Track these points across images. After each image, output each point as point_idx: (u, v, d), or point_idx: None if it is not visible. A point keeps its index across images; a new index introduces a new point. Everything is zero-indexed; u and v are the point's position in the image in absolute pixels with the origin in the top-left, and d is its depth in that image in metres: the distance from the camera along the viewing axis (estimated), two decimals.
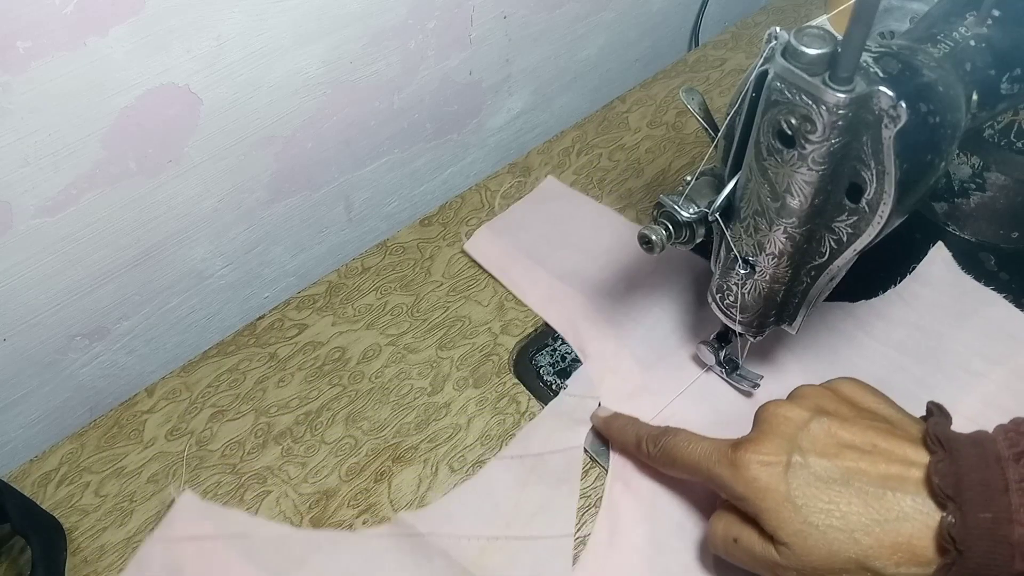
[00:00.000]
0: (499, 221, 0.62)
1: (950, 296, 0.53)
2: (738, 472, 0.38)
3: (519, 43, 0.69)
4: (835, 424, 0.38)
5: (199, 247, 0.59)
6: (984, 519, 0.33)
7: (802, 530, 0.36)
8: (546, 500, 0.47)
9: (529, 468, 0.48)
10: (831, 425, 0.38)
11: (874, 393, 0.41)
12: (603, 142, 0.69)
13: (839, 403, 0.40)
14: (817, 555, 0.36)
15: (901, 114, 0.33)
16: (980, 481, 0.33)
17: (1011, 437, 0.34)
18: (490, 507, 0.47)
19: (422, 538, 0.45)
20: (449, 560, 0.44)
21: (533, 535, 0.45)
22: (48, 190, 0.48)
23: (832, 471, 0.37)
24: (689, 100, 0.45)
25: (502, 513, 0.46)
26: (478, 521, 0.46)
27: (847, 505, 0.36)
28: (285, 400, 0.54)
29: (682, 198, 0.43)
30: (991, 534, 0.32)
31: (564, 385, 0.52)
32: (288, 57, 0.54)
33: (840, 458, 0.37)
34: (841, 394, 0.41)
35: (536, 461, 0.48)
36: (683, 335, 0.54)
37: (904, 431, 0.38)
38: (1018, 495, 0.32)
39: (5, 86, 0.43)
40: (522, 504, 0.47)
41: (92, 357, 0.58)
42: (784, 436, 0.38)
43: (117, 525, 0.49)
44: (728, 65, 0.75)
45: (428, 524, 0.46)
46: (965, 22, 0.42)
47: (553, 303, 0.56)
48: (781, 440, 0.38)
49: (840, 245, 0.40)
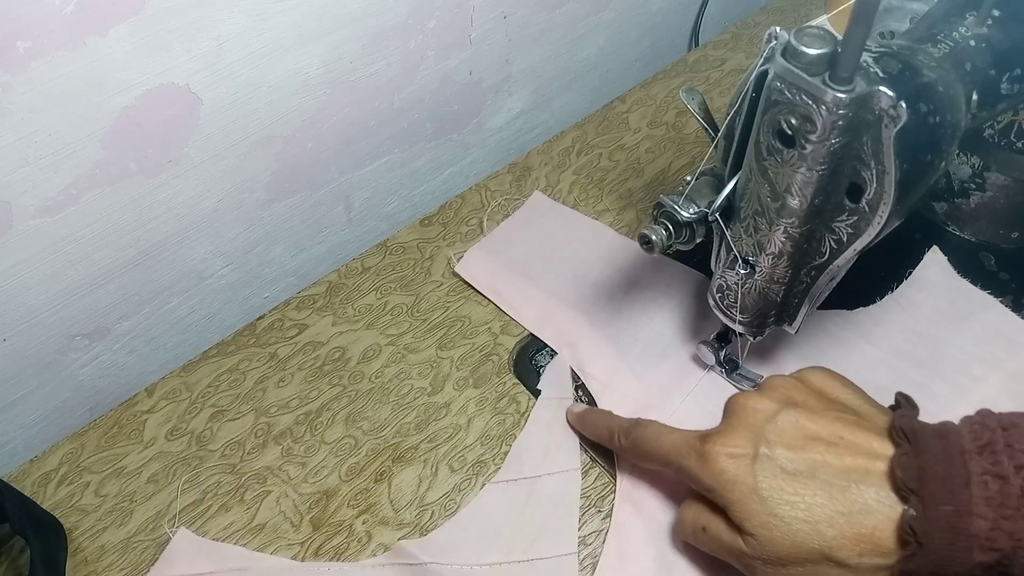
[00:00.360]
0: (488, 240, 0.61)
1: (947, 301, 0.53)
2: (706, 464, 0.38)
3: (519, 43, 0.69)
4: (803, 416, 0.38)
5: (199, 247, 0.59)
6: (945, 512, 0.33)
7: (768, 521, 0.36)
8: (546, 522, 0.46)
9: (526, 492, 0.48)
10: (799, 417, 0.38)
11: (843, 383, 0.41)
12: (603, 142, 0.69)
13: (808, 394, 0.40)
14: (782, 546, 0.36)
15: (901, 114, 0.33)
16: (943, 474, 0.34)
17: (975, 430, 0.35)
18: (491, 533, 0.46)
19: (424, 567, 0.45)
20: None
21: (536, 557, 0.45)
22: (48, 190, 0.48)
23: (798, 463, 0.37)
24: (689, 100, 0.45)
25: (503, 539, 0.46)
26: (480, 548, 0.46)
27: (812, 497, 0.36)
28: (285, 400, 0.54)
29: (682, 198, 0.43)
30: (952, 527, 0.33)
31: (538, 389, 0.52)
32: (288, 57, 0.54)
33: (806, 450, 0.37)
34: (810, 385, 0.41)
35: (532, 484, 0.48)
36: (680, 346, 0.53)
37: (871, 423, 0.38)
38: (980, 488, 0.33)
39: (5, 86, 0.43)
40: (522, 528, 0.46)
41: (92, 357, 0.58)
42: (752, 428, 0.39)
43: (117, 525, 0.49)
44: (728, 65, 0.75)
45: (429, 553, 0.45)
46: (965, 22, 0.42)
47: (548, 321, 0.56)
48: (749, 432, 0.38)
49: (840, 245, 0.40)
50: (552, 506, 0.47)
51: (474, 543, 0.46)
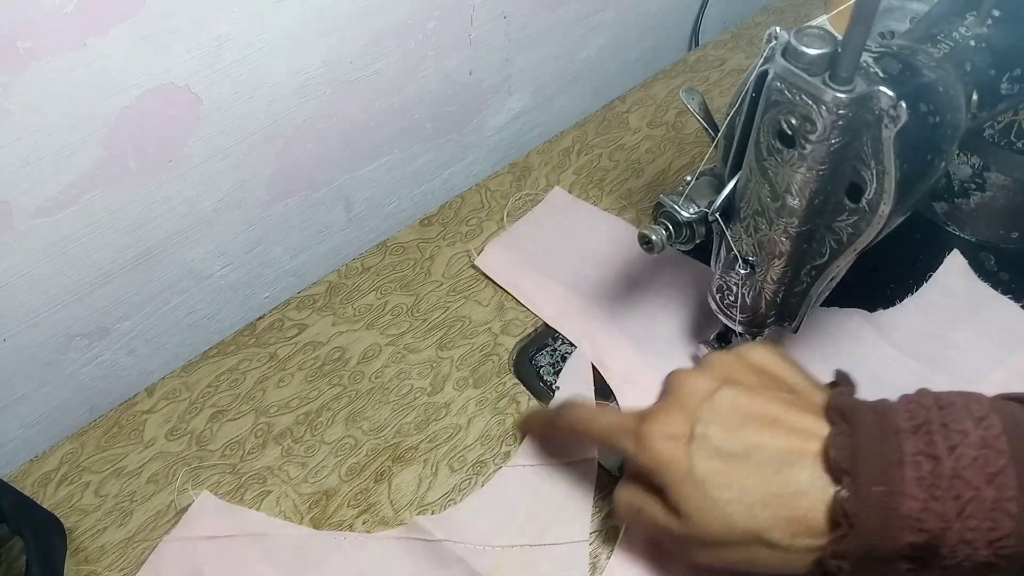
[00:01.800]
0: (508, 235, 0.62)
1: (967, 305, 0.53)
2: (643, 446, 0.38)
3: (519, 43, 0.69)
4: (740, 395, 0.38)
5: (199, 247, 0.59)
6: (877, 492, 0.32)
7: (702, 504, 0.36)
8: (560, 508, 0.47)
9: (543, 477, 0.48)
10: (736, 396, 0.38)
11: (784, 360, 0.41)
12: (603, 142, 0.69)
13: (746, 372, 0.40)
14: (716, 528, 0.36)
15: (901, 114, 0.33)
16: (876, 454, 0.33)
17: (912, 408, 0.34)
18: (505, 516, 0.47)
19: (439, 544, 0.45)
20: (466, 567, 0.44)
21: (548, 542, 0.46)
22: (48, 190, 0.48)
23: (733, 445, 0.37)
24: (689, 100, 0.45)
25: (517, 522, 0.46)
26: (492, 529, 0.46)
27: (746, 479, 0.36)
28: (285, 400, 0.54)
29: (682, 198, 0.43)
30: (883, 507, 0.32)
31: (557, 386, 0.52)
32: (288, 57, 0.54)
33: (742, 431, 0.37)
34: (750, 362, 0.40)
35: (549, 471, 0.48)
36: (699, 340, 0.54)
37: (808, 401, 0.38)
38: (912, 468, 0.32)
39: (5, 86, 0.43)
40: (536, 512, 0.47)
41: (92, 357, 0.58)
42: (688, 408, 0.38)
43: (117, 525, 0.49)
44: (728, 65, 0.75)
45: (444, 530, 0.46)
46: (965, 22, 0.42)
47: (567, 316, 0.56)
48: (685, 412, 0.38)
49: (840, 245, 0.40)
50: (567, 493, 0.47)
51: (488, 524, 0.46)
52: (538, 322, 0.57)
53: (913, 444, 0.33)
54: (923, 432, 0.33)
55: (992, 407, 0.34)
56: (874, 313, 0.53)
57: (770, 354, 0.41)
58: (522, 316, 0.57)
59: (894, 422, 0.34)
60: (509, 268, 0.59)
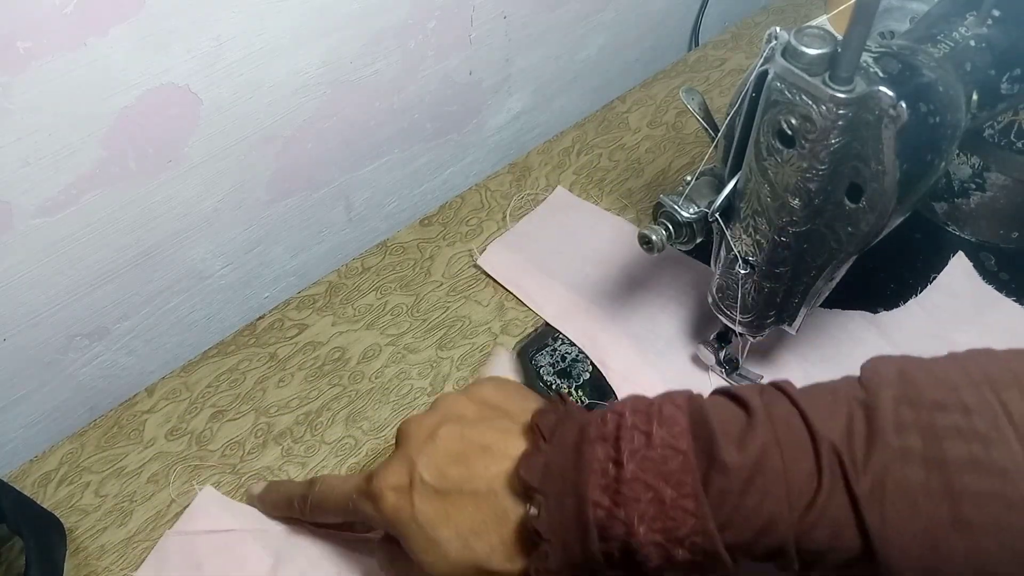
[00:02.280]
0: (511, 235, 0.62)
1: (972, 307, 0.53)
2: (375, 504, 0.38)
3: (519, 43, 0.69)
4: (455, 430, 0.38)
5: (199, 247, 0.59)
6: (568, 504, 0.32)
7: (426, 546, 0.36)
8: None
9: None
10: (451, 432, 0.38)
11: (509, 391, 0.41)
12: (603, 142, 0.69)
13: (468, 407, 0.39)
14: (442, 567, 0.36)
15: (901, 114, 0.33)
16: (567, 467, 0.33)
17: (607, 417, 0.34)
18: None
19: None
20: None
21: None
22: (48, 190, 0.48)
23: (447, 482, 0.36)
24: (689, 100, 0.45)
25: None
26: None
27: (460, 512, 0.36)
28: (285, 400, 0.54)
29: (682, 198, 0.43)
30: (575, 519, 0.32)
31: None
32: (288, 57, 0.54)
33: (455, 466, 0.37)
34: (475, 397, 0.40)
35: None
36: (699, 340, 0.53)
37: (520, 425, 0.38)
38: (596, 476, 0.32)
39: (5, 86, 0.43)
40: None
41: (92, 357, 0.58)
42: (407, 456, 0.38)
43: (117, 525, 0.49)
44: (728, 65, 0.75)
45: None
46: (965, 22, 0.42)
47: (569, 316, 0.56)
48: (405, 461, 0.38)
49: (840, 245, 0.40)
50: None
51: None
52: (538, 322, 0.57)
53: (603, 451, 0.33)
54: (613, 440, 0.33)
55: (688, 405, 0.33)
56: (876, 314, 0.53)
57: (496, 387, 0.41)
58: (522, 316, 0.57)
59: (589, 432, 0.34)
60: (511, 268, 0.59)
